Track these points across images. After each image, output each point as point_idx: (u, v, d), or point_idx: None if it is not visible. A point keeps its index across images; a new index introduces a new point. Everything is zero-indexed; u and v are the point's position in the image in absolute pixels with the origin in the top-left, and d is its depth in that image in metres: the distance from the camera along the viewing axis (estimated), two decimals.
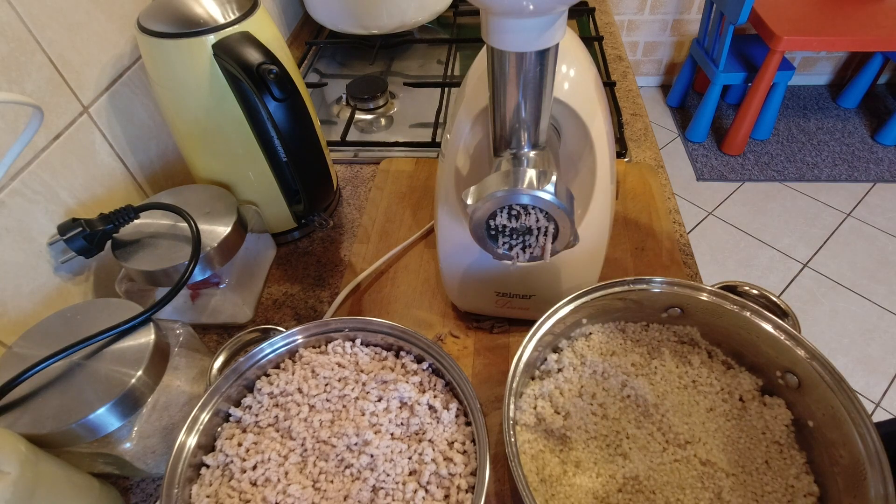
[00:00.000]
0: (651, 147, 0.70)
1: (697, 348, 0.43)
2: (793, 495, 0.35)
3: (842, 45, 1.81)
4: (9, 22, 0.43)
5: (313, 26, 0.99)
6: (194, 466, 0.35)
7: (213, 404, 0.37)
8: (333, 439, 0.36)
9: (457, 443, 0.36)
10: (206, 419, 0.36)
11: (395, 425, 0.37)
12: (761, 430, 0.38)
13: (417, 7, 0.85)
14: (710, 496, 0.35)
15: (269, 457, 0.35)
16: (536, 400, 0.40)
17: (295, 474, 0.35)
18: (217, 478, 0.35)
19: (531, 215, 0.35)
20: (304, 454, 0.36)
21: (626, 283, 0.40)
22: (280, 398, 0.39)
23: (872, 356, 1.49)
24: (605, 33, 0.92)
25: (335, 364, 0.40)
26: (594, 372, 0.41)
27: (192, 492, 0.34)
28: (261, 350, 0.40)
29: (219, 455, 0.36)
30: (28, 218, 0.45)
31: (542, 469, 0.37)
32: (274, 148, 0.53)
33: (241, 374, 0.39)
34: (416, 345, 0.39)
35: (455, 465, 0.34)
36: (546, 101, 0.34)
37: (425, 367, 0.40)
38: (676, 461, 0.37)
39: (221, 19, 0.46)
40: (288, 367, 0.41)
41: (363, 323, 0.41)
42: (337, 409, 0.38)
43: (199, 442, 0.36)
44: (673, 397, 0.40)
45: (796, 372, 0.37)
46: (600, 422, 0.39)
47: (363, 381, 0.39)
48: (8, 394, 0.36)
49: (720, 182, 2.03)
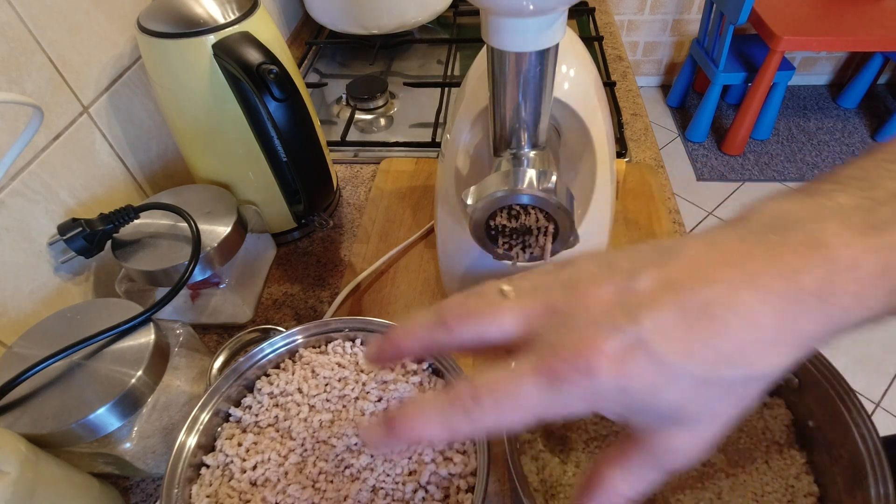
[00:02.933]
0: (651, 147, 0.70)
1: None
2: (793, 495, 0.35)
3: (842, 45, 1.81)
4: (9, 22, 0.43)
5: (313, 26, 0.99)
6: (194, 466, 0.35)
7: (213, 404, 0.37)
8: (333, 439, 0.36)
9: (456, 443, 0.36)
10: (206, 419, 0.36)
11: None
12: (761, 430, 0.38)
13: (417, 7, 0.85)
14: (710, 496, 0.35)
15: (269, 457, 0.35)
16: None
17: (294, 474, 0.35)
18: (217, 478, 0.35)
19: (531, 215, 0.35)
20: (303, 454, 0.36)
21: None
22: (280, 398, 0.39)
23: (872, 356, 1.49)
24: (605, 33, 0.92)
25: (335, 364, 0.40)
26: None
27: (192, 492, 0.34)
28: (261, 350, 0.40)
29: (219, 455, 0.36)
30: (28, 218, 0.45)
31: (543, 469, 0.37)
32: (274, 148, 0.53)
33: (241, 374, 0.39)
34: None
35: (455, 465, 0.34)
36: (546, 101, 0.34)
37: (425, 368, 0.40)
38: None
39: (221, 19, 0.46)
40: (288, 367, 0.41)
41: (363, 323, 0.41)
42: (337, 409, 0.38)
43: (199, 442, 0.36)
44: None
45: (796, 372, 0.36)
46: (600, 423, 0.39)
47: (363, 382, 0.39)
48: (8, 394, 0.36)
49: (720, 182, 2.03)
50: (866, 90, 2.25)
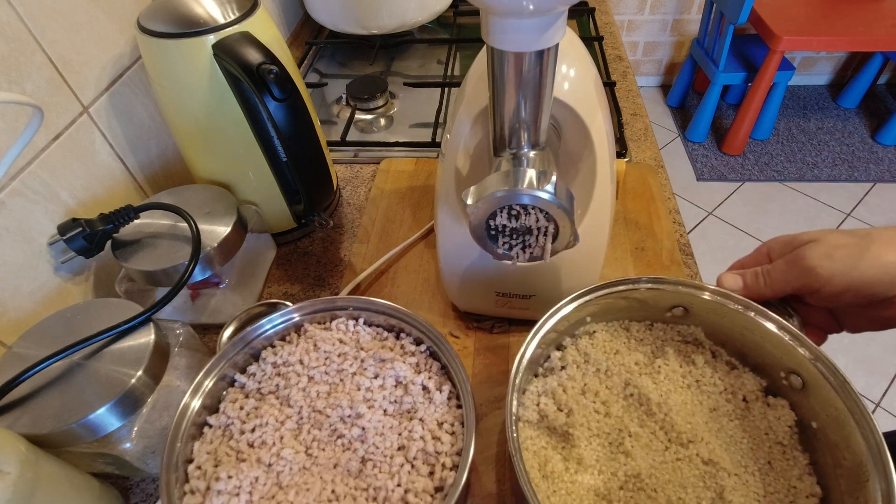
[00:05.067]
0: (651, 147, 0.70)
1: (701, 348, 0.42)
2: (795, 496, 0.35)
3: (842, 45, 1.81)
4: (9, 22, 0.43)
5: (313, 26, 0.99)
6: (198, 425, 0.37)
7: (220, 369, 0.39)
8: (328, 410, 0.37)
9: (446, 423, 0.37)
10: (210, 384, 0.38)
11: (389, 402, 0.38)
12: (764, 430, 0.38)
13: (417, 7, 0.85)
14: (712, 495, 0.35)
15: (267, 421, 0.37)
16: (539, 397, 0.40)
17: (289, 440, 0.36)
18: (218, 437, 0.37)
19: (531, 215, 0.35)
20: (299, 421, 0.38)
21: (629, 282, 0.40)
22: (282, 368, 0.40)
23: (872, 356, 1.49)
24: (605, 33, 0.92)
25: (337, 340, 0.41)
26: (597, 370, 0.41)
27: (193, 447, 0.36)
28: (269, 321, 0.41)
29: (221, 416, 0.38)
30: (28, 218, 0.45)
31: (545, 465, 0.37)
32: (274, 148, 0.53)
33: (247, 343, 0.40)
34: (416, 327, 0.41)
35: (442, 443, 0.36)
36: (546, 101, 0.34)
37: (423, 350, 0.41)
38: (679, 460, 0.37)
39: (221, 19, 0.46)
40: (293, 339, 0.42)
41: (367, 303, 0.42)
42: (334, 382, 0.39)
43: (203, 403, 0.38)
44: (676, 397, 0.39)
45: (800, 373, 0.37)
46: (603, 420, 0.39)
47: (362, 359, 0.40)
48: (8, 394, 0.36)
49: (720, 182, 2.03)
50: (866, 90, 2.25)
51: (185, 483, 0.35)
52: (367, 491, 0.34)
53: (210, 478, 0.34)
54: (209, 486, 0.34)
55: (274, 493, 0.34)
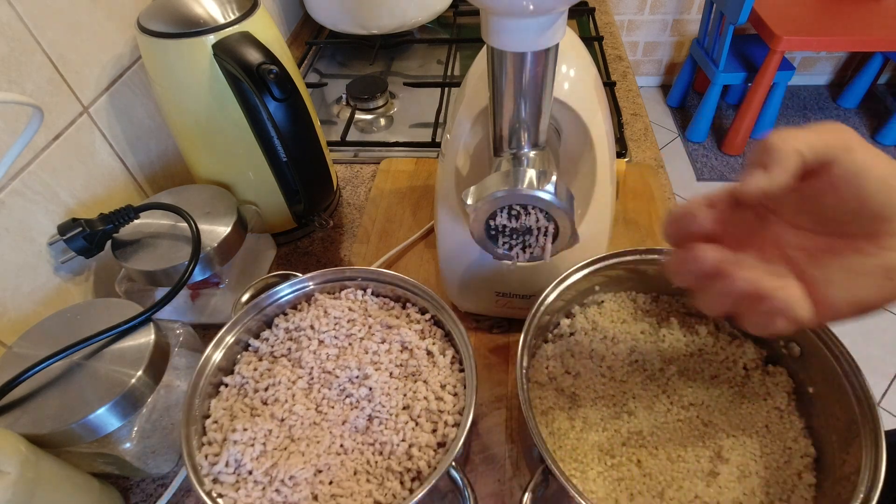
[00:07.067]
0: (651, 147, 0.70)
1: (705, 319, 0.44)
2: (790, 456, 0.37)
3: (842, 45, 1.81)
4: (9, 22, 0.43)
5: (313, 26, 0.99)
6: (214, 385, 0.39)
7: (236, 332, 0.41)
8: (337, 371, 0.39)
9: (449, 385, 0.38)
10: (231, 340, 0.40)
11: (395, 365, 0.40)
12: (763, 396, 0.40)
13: (417, 7, 0.85)
14: (710, 454, 0.37)
15: (280, 381, 0.39)
16: (548, 360, 0.42)
17: (301, 397, 0.38)
18: (233, 395, 0.39)
19: (531, 215, 0.35)
20: (310, 381, 0.39)
21: (637, 253, 0.41)
22: (294, 332, 0.42)
23: (872, 356, 1.49)
24: (605, 33, 0.92)
25: (346, 308, 0.43)
26: (604, 337, 0.43)
27: (210, 404, 0.38)
28: (282, 289, 0.43)
29: (236, 377, 0.40)
30: (28, 218, 0.45)
31: (551, 423, 0.39)
32: (274, 148, 0.53)
33: (261, 310, 0.42)
34: (422, 296, 0.42)
35: (445, 403, 0.37)
36: (546, 101, 0.34)
37: (428, 318, 0.43)
38: (679, 420, 0.39)
39: (221, 19, 0.46)
40: (304, 307, 0.44)
41: (375, 274, 0.44)
42: (343, 345, 0.41)
43: (219, 365, 0.39)
44: (679, 363, 0.41)
45: (798, 340, 0.38)
46: (608, 383, 0.41)
47: (370, 325, 0.42)
48: (8, 394, 0.36)
49: (720, 182, 2.03)
50: (866, 90, 2.25)
51: (203, 435, 0.37)
52: (374, 445, 0.36)
53: (226, 430, 0.36)
54: (226, 438, 0.36)
55: (286, 444, 0.36)
